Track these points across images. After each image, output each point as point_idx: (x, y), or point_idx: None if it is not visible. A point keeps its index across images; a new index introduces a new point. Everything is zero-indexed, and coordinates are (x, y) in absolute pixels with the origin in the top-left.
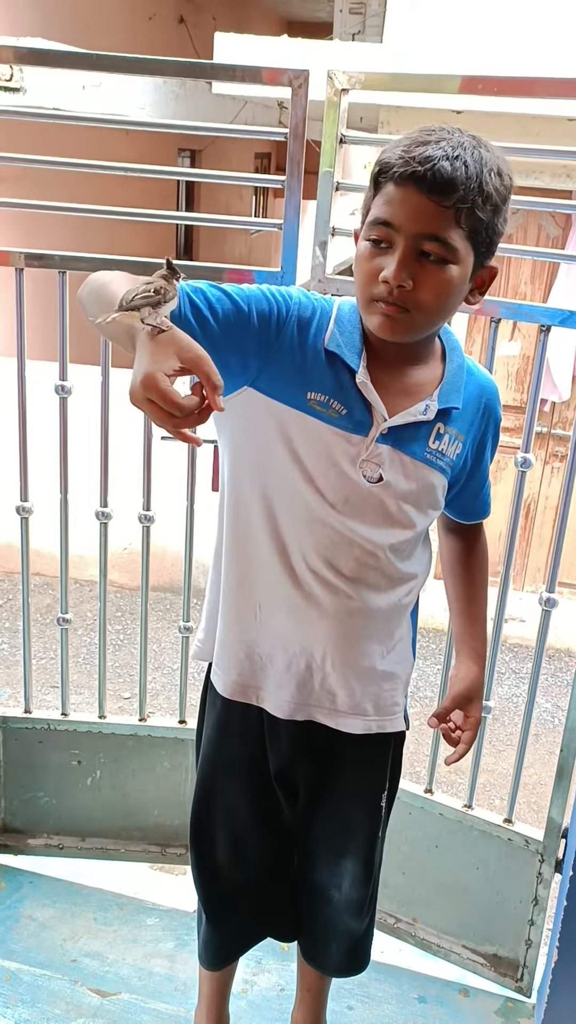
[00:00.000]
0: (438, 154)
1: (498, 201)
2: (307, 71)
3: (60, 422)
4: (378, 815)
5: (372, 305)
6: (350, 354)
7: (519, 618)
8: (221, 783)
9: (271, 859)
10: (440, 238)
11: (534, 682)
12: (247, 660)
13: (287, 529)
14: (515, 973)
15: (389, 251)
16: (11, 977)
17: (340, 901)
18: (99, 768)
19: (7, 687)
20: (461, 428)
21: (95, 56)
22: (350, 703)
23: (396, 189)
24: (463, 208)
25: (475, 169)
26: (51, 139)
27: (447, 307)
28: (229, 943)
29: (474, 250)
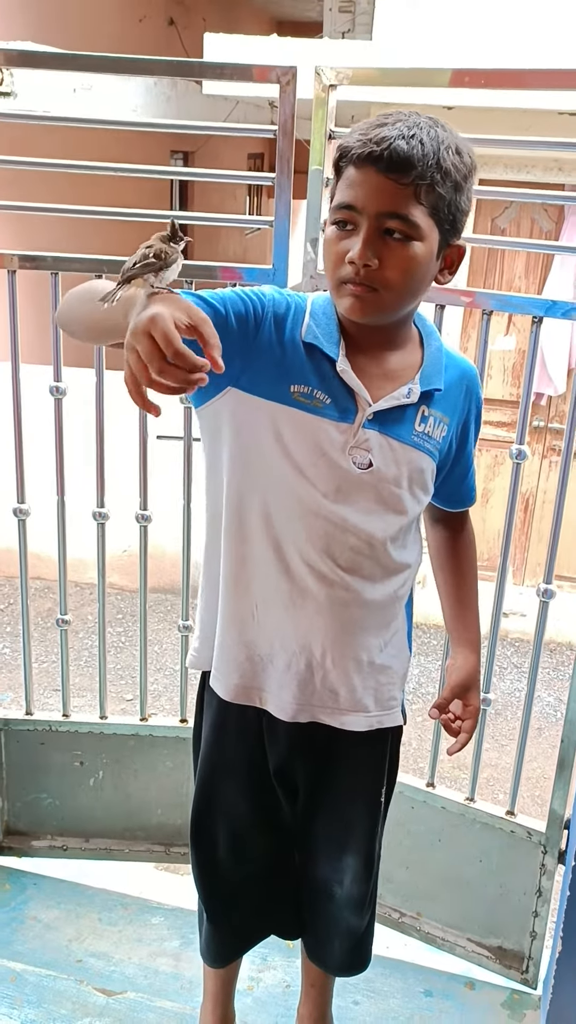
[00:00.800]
0: (394, 134)
1: (458, 178)
2: (295, 67)
3: (55, 423)
4: (377, 810)
5: (341, 288)
6: (328, 344)
7: (520, 612)
8: (220, 783)
9: (272, 857)
10: (401, 215)
11: (533, 674)
12: (247, 662)
13: (281, 525)
14: (520, 965)
15: (354, 233)
16: (16, 978)
17: (341, 897)
18: (101, 769)
19: (9, 691)
20: (445, 411)
21: (83, 57)
22: (351, 700)
23: (356, 171)
24: (422, 185)
25: (432, 147)
26: (42, 143)
27: (414, 285)
28: (231, 941)
29: (438, 227)
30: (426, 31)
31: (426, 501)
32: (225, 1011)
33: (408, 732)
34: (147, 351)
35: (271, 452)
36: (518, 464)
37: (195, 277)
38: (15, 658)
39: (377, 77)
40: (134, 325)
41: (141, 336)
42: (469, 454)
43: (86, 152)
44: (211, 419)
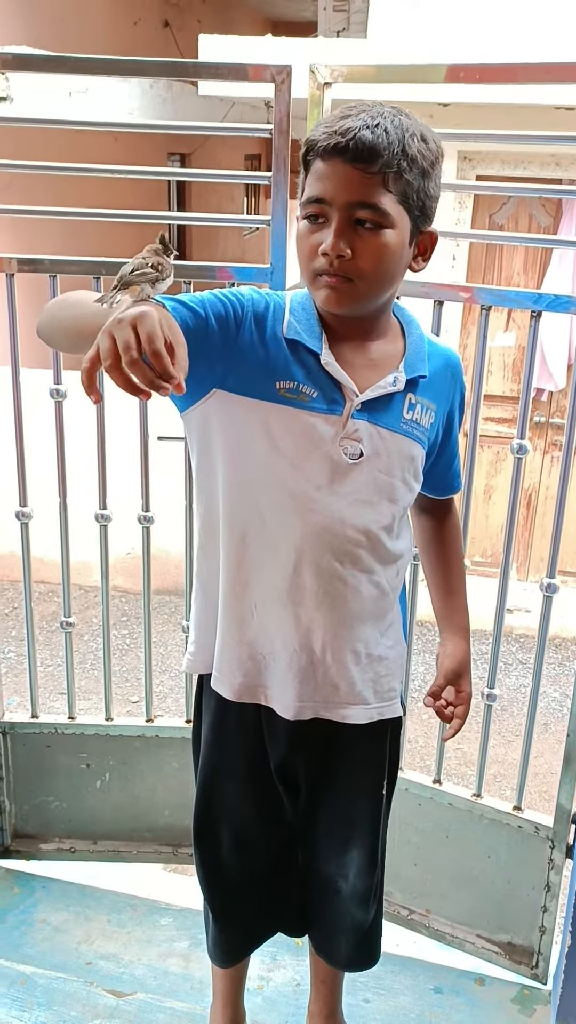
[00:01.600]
0: (358, 124)
1: (425, 165)
2: (289, 66)
3: (56, 426)
4: (380, 804)
5: (316, 280)
6: (310, 338)
7: (524, 608)
8: (221, 783)
9: (276, 855)
10: (371, 204)
11: (538, 668)
12: (250, 661)
13: (276, 523)
14: (530, 960)
15: (325, 225)
16: (26, 981)
17: (347, 892)
18: (108, 770)
19: (15, 695)
20: (431, 398)
21: (78, 59)
22: (351, 693)
23: (323, 164)
24: (389, 172)
25: (396, 135)
26: (39, 147)
27: (388, 273)
28: (238, 941)
29: (408, 214)
30: (421, 30)
31: (417, 489)
32: (235, 1011)
33: (414, 729)
34: (126, 340)
35: (262, 450)
36: (519, 459)
37: (193, 277)
38: (20, 662)
39: (372, 74)
40: (120, 315)
41: (125, 326)
42: (454, 442)
43: (83, 156)
44: (198, 422)
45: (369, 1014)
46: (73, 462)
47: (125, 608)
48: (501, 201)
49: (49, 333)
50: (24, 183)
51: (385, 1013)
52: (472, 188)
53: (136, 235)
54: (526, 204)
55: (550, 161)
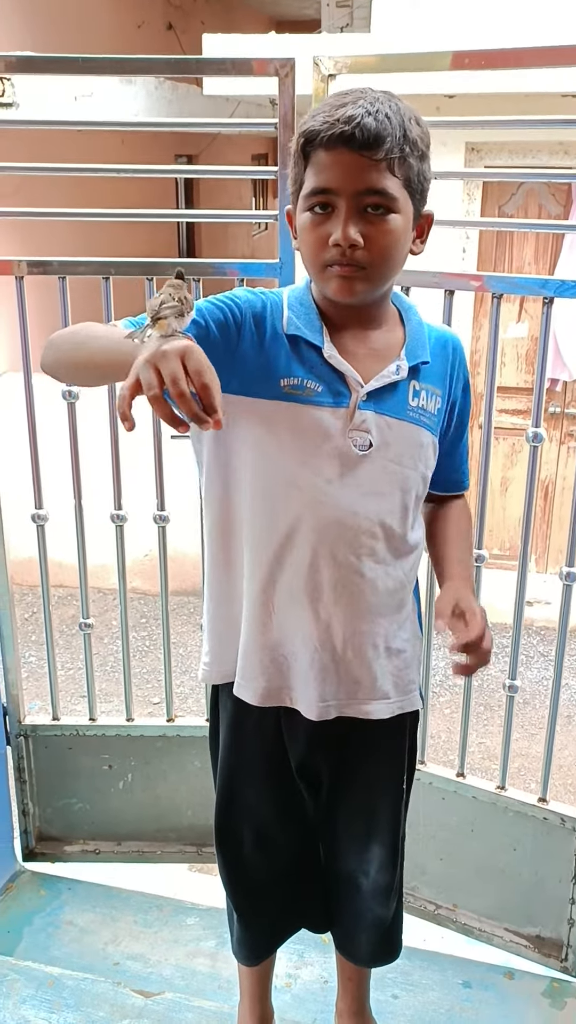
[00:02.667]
0: (360, 112)
1: (423, 147)
2: (293, 59)
3: (69, 427)
4: (400, 798)
5: (326, 272)
6: (311, 333)
7: (544, 600)
8: (241, 784)
9: (297, 853)
10: (379, 190)
11: (559, 658)
12: (272, 664)
13: (291, 522)
14: (559, 953)
15: (332, 215)
16: (54, 982)
17: (368, 888)
18: (130, 771)
19: (37, 699)
20: (435, 383)
21: (83, 60)
22: (373, 687)
23: (327, 154)
24: (394, 158)
25: (397, 119)
26: (46, 152)
27: (398, 257)
28: (262, 939)
29: (411, 197)
30: (424, 24)
31: (429, 476)
32: (263, 1008)
33: (436, 724)
34: (174, 373)
35: (272, 450)
36: (535, 447)
37: (203, 275)
38: (41, 667)
39: (376, 64)
40: (167, 347)
41: (173, 358)
42: (464, 440)
43: (90, 160)
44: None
45: (398, 1010)
46: (87, 464)
47: (144, 610)
48: (510, 191)
49: (60, 367)
50: (33, 188)
51: (414, 1009)
52: (480, 175)
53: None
54: (535, 194)
55: (558, 149)
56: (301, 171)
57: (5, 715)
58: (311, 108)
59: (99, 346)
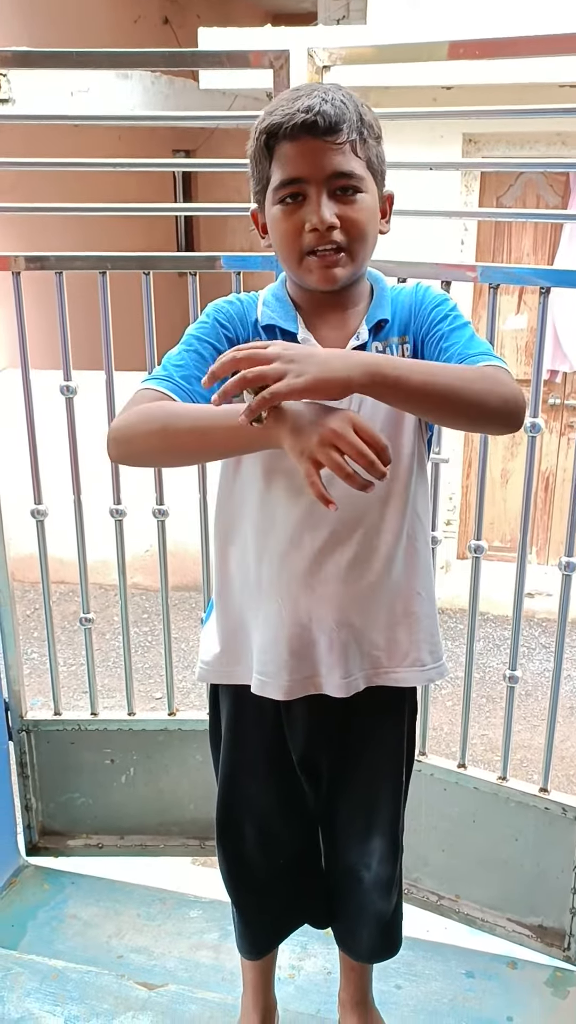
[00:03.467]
0: (316, 101)
1: (378, 131)
2: (287, 50)
3: (68, 423)
4: (400, 790)
5: (306, 260)
6: (286, 321)
7: (545, 592)
8: (242, 779)
9: (299, 848)
10: (347, 172)
11: (560, 648)
12: (292, 656)
13: (284, 510)
14: (562, 943)
15: (304, 204)
16: (58, 975)
17: (369, 881)
18: (132, 765)
19: (39, 695)
20: (399, 332)
21: (78, 54)
22: (401, 655)
23: (292, 144)
24: (355, 140)
25: (351, 105)
26: (44, 149)
27: (372, 235)
28: (264, 934)
29: (374, 178)
30: (421, 17)
31: (414, 427)
32: (266, 1000)
33: (439, 716)
34: (357, 447)
35: None
36: (533, 438)
37: (201, 268)
38: (44, 663)
39: (371, 55)
40: (333, 425)
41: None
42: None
43: (91, 152)
44: None
45: (401, 1000)
46: (86, 459)
47: (146, 605)
48: (508, 182)
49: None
50: (30, 184)
51: (417, 999)
52: (478, 165)
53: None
54: (533, 185)
55: (556, 140)
56: (266, 167)
57: (7, 710)
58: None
59: (188, 426)
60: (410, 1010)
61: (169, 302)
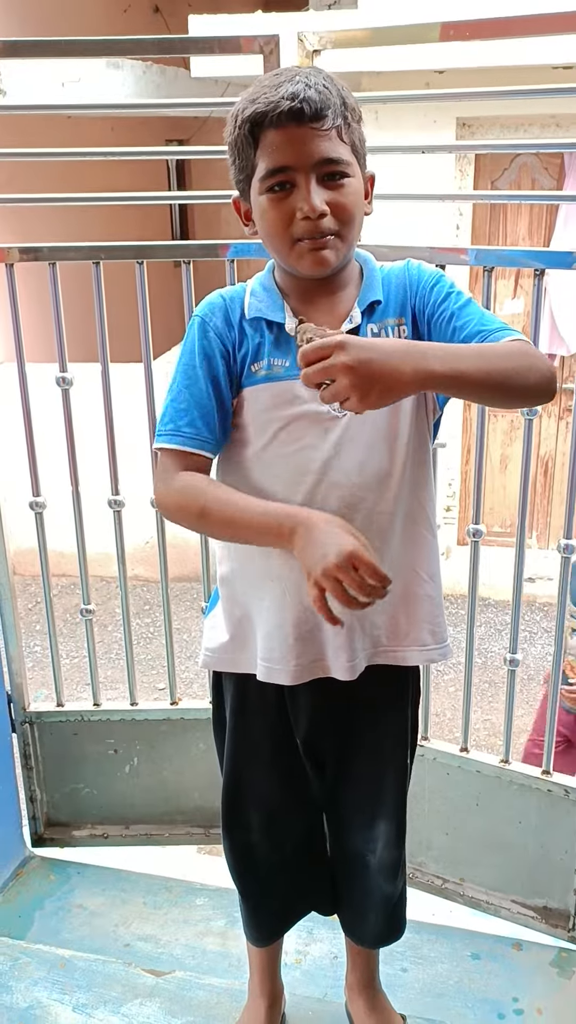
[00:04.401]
0: (299, 87)
1: (359, 112)
2: (277, 35)
3: (64, 414)
4: (405, 773)
5: (296, 247)
6: (273, 312)
7: (547, 576)
8: (248, 768)
9: (305, 836)
10: (334, 159)
11: (559, 629)
12: (297, 642)
13: (291, 493)
14: (567, 923)
15: (292, 192)
16: (65, 964)
17: (375, 865)
18: (135, 755)
19: (43, 687)
20: (394, 314)
21: (66, 42)
22: (403, 635)
23: (277, 133)
24: (339, 125)
25: (334, 89)
26: (35, 141)
27: (360, 218)
28: (271, 921)
29: (358, 161)
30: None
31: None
32: (273, 985)
33: (441, 702)
34: (358, 582)
35: (261, 431)
36: (530, 421)
37: (195, 257)
38: (47, 655)
39: (362, 39)
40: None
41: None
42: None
43: (83, 143)
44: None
45: (407, 983)
46: (84, 450)
47: (147, 597)
48: (503, 166)
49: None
50: (25, 177)
51: (423, 982)
52: (471, 148)
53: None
54: (528, 169)
55: (550, 122)
56: (251, 156)
57: (10, 703)
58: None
59: (221, 521)
60: (416, 993)
61: (165, 292)
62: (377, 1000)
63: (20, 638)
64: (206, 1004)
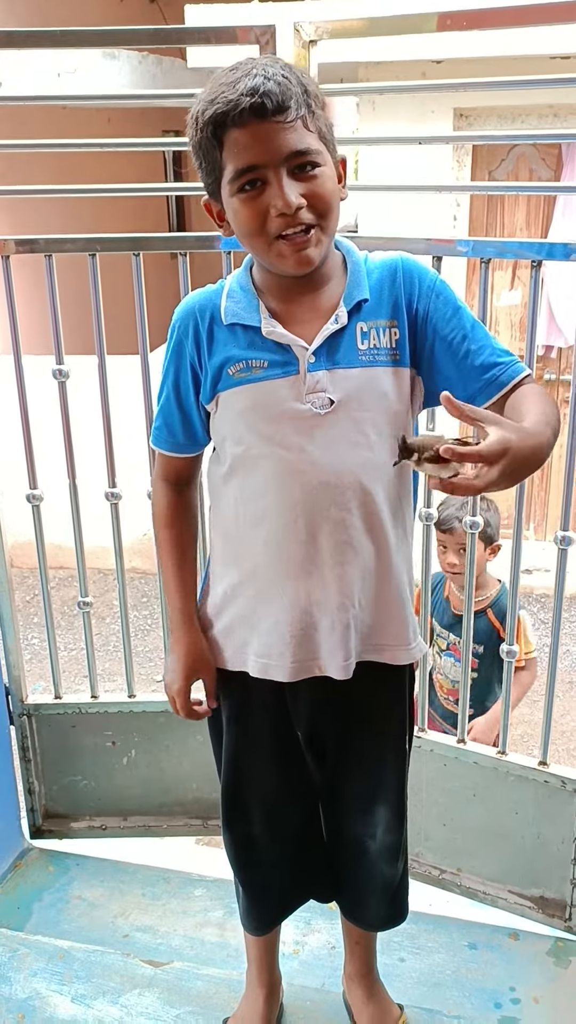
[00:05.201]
0: (258, 81)
1: (323, 99)
2: (273, 25)
3: (61, 406)
4: (403, 758)
5: (275, 245)
6: (248, 315)
7: (544, 568)
8: (248, 761)
9: (305, 827)
10: (303, 150)
11: (556, 623)
12: (293, 639)
13: (277, 498)
14: (563, 913)
15: (264, 189)
16: (64, 955)
17: (375, 850)
18: (133, 747)
19: (41, 680)
20: (383, 315)
21: (61, 32)
22: (393, 635)
23: (241, 132)
24: (304, 115)
25: (293, 78)
26: (31, 133)
27: (337, 206)
28: (270, 911)
29: (327, 148)
30: None
31: (409, 407)
32: (271, 974)
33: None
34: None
35: (244, 435)
36: None
37: (192, 249)
38: (44, 648)
39: (359, 28)
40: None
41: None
42: (474, 333)
43: (80, 135)
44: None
45: (405, 972)
46: (82, 445)
47: (145, 589)
48: (500, 157)
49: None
50: (21, 169)
51: (420, 971)
52: (468, 139)
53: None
54: (526, 159)
55: (548, 113)
56: (217, 157)
57: (8, 695)
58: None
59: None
60: (414, 982)
61: (161, 284)
62: (375, 990)
63: (18, 631)
64: (204, 994)
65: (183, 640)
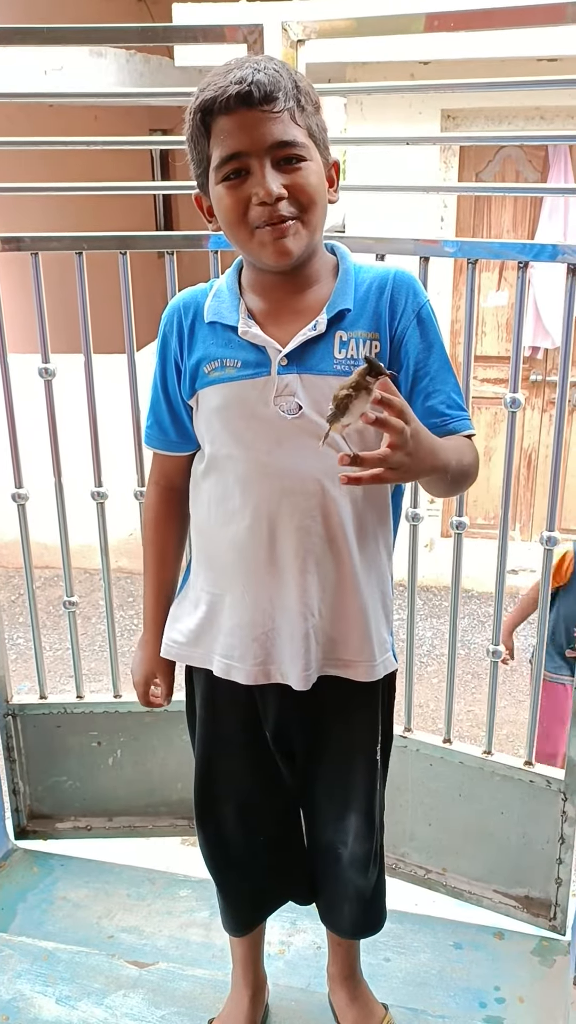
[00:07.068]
0: (248, 72)
1: (316, 99)
2: (261, 24)
3: (47, 405)
4: (375, 766)
5: (257, 235)
6: (228, 314)
7: (530, 568)
8: (219, 759)
9: (279, 826)
10: (288, 141)
11: (542, 621)
12: (254, 643)
13: (242, 499)
14: (548, 912)
15: (248, 178)
16: (48, 956)
17: (347, 858)
18: (119, 747)
19: (26, 680)
20: (366, 327)
21: (47, 29)
22: (353, 648)
23: (228, 119)
24: (292, 107)
25: (284, 72)
26: (17, 131)
27: (322, 203)
28: (247, 912)
29: (316, 147)
30: None
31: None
32: (256, 975)
33: (424, 693)
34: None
35: (216, 434)
36: (513, 413)
37: (179, 248)
38: (30, 647)
39: (346, 28)
40: (136, 679)
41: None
42: (441, 377)
43: (67, 134)
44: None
45: (390, 972)
46: (68, 444)
47: (131, 589)
48: (487, 158)
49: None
50: (6, 166)
51: (406, 971)
52: (455, 140)
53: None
54: (512, 161)
55: (534, 114)
56: (205, 146)
57: None
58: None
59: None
60: (399, 982)
61: (148, 283)
62: (359, 990)
63: (3, 630)
64: (190, 995)
65: (150, 643)
